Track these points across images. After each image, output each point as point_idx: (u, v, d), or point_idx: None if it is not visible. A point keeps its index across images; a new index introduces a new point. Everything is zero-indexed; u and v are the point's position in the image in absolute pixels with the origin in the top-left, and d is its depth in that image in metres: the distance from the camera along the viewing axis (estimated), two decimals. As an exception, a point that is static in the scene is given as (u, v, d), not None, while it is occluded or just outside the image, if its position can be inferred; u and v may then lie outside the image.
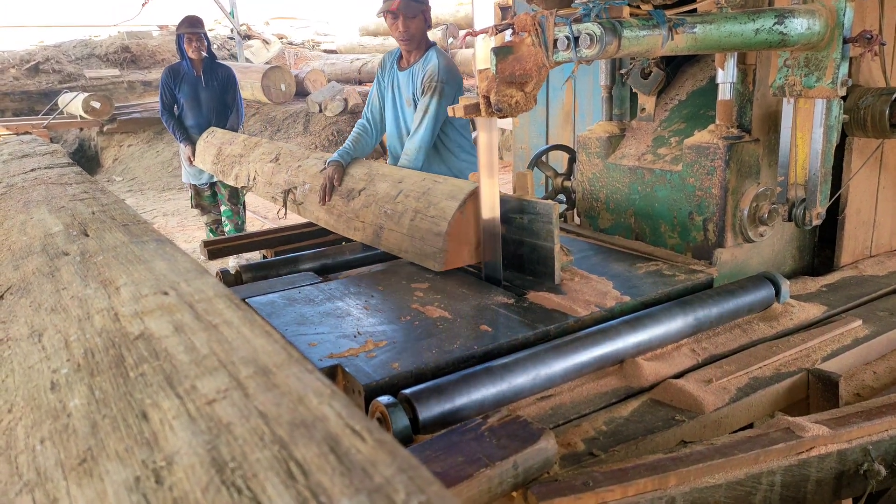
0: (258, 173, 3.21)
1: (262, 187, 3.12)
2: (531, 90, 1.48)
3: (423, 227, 2.00)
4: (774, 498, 1.16)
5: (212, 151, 4.08)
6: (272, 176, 3.02)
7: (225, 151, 3.87)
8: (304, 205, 2.69)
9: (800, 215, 1.69)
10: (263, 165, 3.15)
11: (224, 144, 3.98)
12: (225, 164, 3.78)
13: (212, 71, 4.76)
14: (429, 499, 0.34)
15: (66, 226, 1.13)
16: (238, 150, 3.69)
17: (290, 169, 2.88)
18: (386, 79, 2.98)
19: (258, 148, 3.43)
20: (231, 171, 3.62)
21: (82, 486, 0.42)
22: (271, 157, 3.16)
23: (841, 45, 1.51)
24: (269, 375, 0.50)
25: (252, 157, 3.36)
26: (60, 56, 12.45)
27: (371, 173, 2.46)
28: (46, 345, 0.65)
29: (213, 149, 4.08)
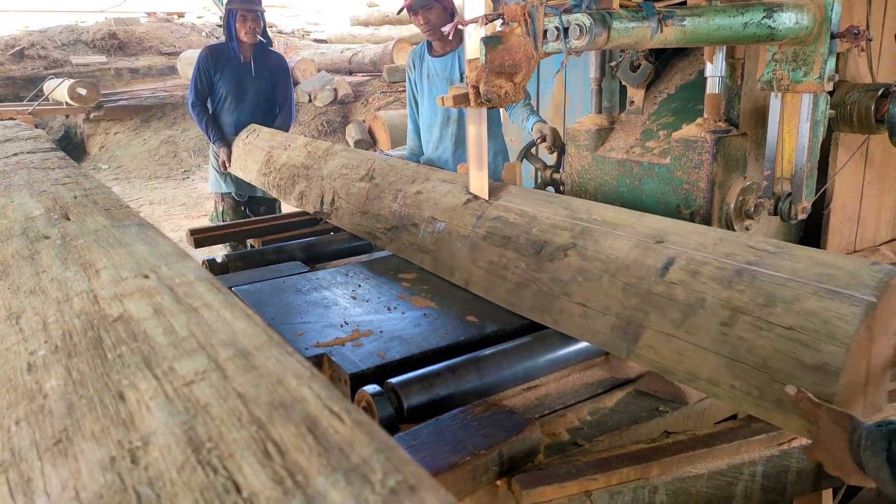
0: (340, 196, 2.28)
1: (350, 217, 2.20)
2: (520, 81, 1.48)
3: (767, 345, 1.03)
4: (755, 488, 1.17)
5: (257, 157, 3.10)
6: (367, 202, 2.12)
7: (278, 159, 2.86)
8: (438, 255, 1.75)
9: (785, 209, 1.70)
10: (349, 185, 2.25)
11: (276, 149, 2.96)
12: (281, 177, 2.75)
13: (263, 58, 3.77)
14: (405, 478, 0.33)
15: (48, 209, 1.12)
16: (300, 157, 2.70)
17: (397, 194, 1.99)
18: (417, 72, 3.08)
19: (334, 157, 2.48)
20: (293, 187, 2.62)
21: (56, 466, 0.41)
22: (361, 174, 2.24)
23: (828, 40, 1.52)
24: (248, 357, 0.50)
25: (327, 171, 2.42)
26: (46, 42, 12.28)
27: (576, 215, 1.50)
28: (24, 327, 0.64)
29: (260, 153, 3.09)
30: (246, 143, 3.40)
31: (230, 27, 3.62)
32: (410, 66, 3.15)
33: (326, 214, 2.34)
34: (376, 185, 2.12)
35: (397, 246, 1.92)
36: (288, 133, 3.32)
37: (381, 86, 10.04)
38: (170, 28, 14.19)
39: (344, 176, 2.32)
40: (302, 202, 2.54)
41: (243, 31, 3.59)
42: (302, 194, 2.54)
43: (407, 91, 3.22)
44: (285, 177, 2.73)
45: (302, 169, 2.62)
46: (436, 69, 2.99)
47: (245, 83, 3.72)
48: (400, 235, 1.92)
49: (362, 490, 0.34)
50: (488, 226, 1.63)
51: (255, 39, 3.66)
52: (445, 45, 2.94)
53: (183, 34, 14.20)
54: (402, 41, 11.28)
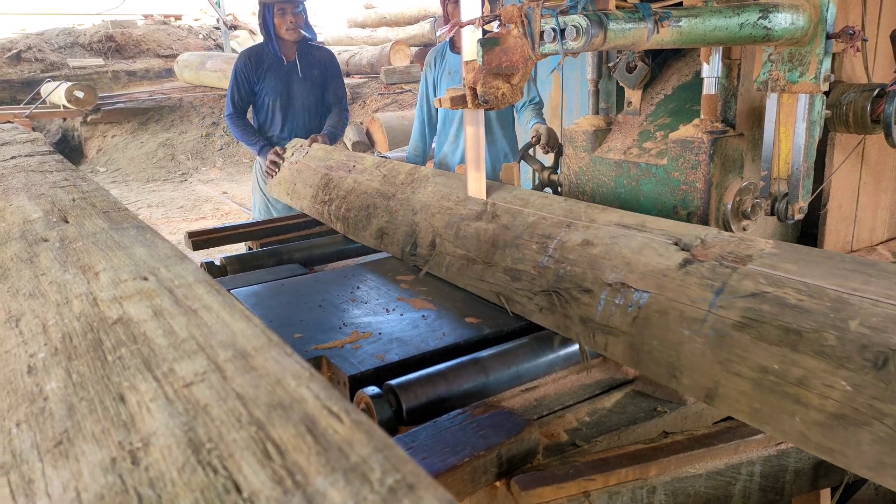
0: (444, 238, 1.72)
1: (464, 269, 1.64)
2: (517, 82, 1.48)
3: None
4: (754, 488, 1.18)
5: (310, 179, 2.53)
6: (492, 251, 1.57)
7: (342, 183, 2.28)
8: (641, 342, 1.18)
9: (782, 209, 1.71)
10: (458, 224, 1.71)
11: (336, 170, 2.39)
12: (349, 208, 2.18)
13: (309, 56, 3.20)
14: (403, 477, 0.34)
15: (46, 212, 1.12)
16: (373, 182, 2.15)
17: (546, 244, 1.46)
18: (436, 69, 3.14)
19: (424, 184, 1.96)
20: (367, 222, 2.06)
21: (58, 468, 0.41)
22: (475, 209, 1.71)
23: (824, 40, 1.52)
24: (247, 359, 0.50)
25: (419, 202, 1.89)
26: (43, 44, 12.28)
27: None
28: (24, 329, 0.65)
29: (313, 175, 2.53)
30: (293, 162, 2.77)
31: (268, 24, 3.06)
32: (429, 64, 3.18)
33: (423, 261, 1.80)
34: (505, 228, 1.58)
35: (559, 320, 1.35)
36: (347, 150, 2.72)
37: (379, 88, 10.05)
38: (167, 30, 14.19)
39: (447, 211, 1.78)
40: (383, 242, 2.00)
41: (284, 28, 3.04)
42: (382, 232, 1.98)
43: (420, 90, 3.24)
44: (355, 207, 2.15)
45: (379, 198, 2.08)
46: (457, 65, 3.04)
47: (292, 88, 3.17)
48: (563, 306, 1.34)
49: (361, 489, 0.34)
50: (743, 307, 1.04)
51: (299, 35, 3.09)
52: None
53: (180, 36, 14.20)
54: (399, 43, 11.29)
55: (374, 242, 2.05)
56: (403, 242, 1.91)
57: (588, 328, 1.29)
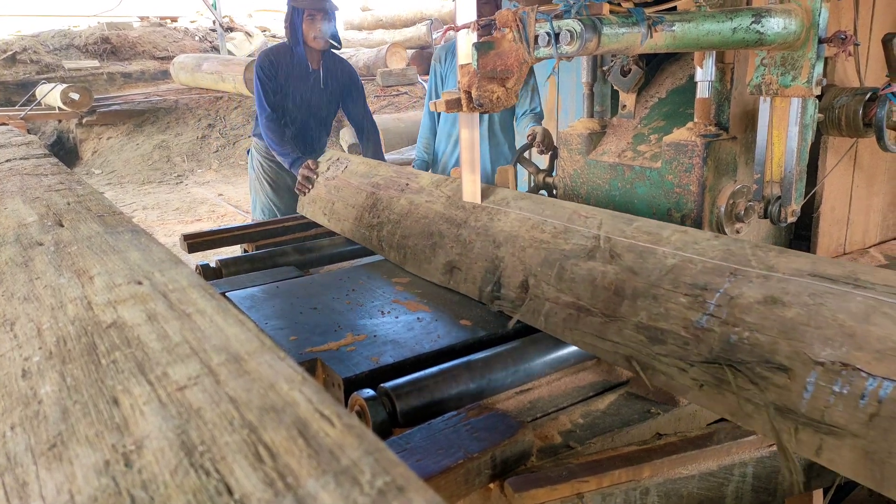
0: (540, 279, 1.43)
1: (571, 321, 1.34)
2: (512, 86, 1.49)
3: None
4: (746, 489, 1.18)
5: (353, 198, 2.24)
6: (615, 301, 1.26)
7: (394, 204, 2.01)
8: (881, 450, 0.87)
9: (775, 212, 1.72)
10: (560, 264, 1.41)
11: (385, 188, 2.12)
12: (405, 235, 1.90)
13: (333, 67, 3.07)
14: (393, 479, 0.34)
15: (41, 216, 1.12)
16: (436, 204, 1.86)
17: (704, 299, 1.14)
18: (445, 65, 3.17)
19: (505, 210, 1.67)
20: (432, 253, 1.78)
21: (52, 470, 0.42)
22: (581, 245, 1.39)
23: (816, 45, 1.54)
24: (240, 362, 0.51)
25: (501, 233, 1.60)
26: (38, 46, 12.25)
27: None
28: (18, 333, 0.65)
29: (357, 194, 2.23)
30: (329, 177, 2.46)
31: (296, 28, 2.92)
32: (439, 59, 3.19)
33: (510, 305, 1.50)
34: (633, 272, 1.26)
35: (733, 403, 1.05)
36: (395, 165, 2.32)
37: (375, 90, 10.05)
38: (163, 32, 14.18)
39: (543, 245, 1.48)
40: (453, 278, 1.69)
41: (312, 35, 2.89)
42: (452, 267, 1.69)
43: (429, 85, 3.26)
44: (414, 235, 1.85)
45: (445, 225, 1.77)
46: None
47: (312, 98, 3.02)
48: (742, 385, 1.04)
49: (351, 491, 0.35)
50: None
51: (327, 45, 2.94)
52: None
53: (176, 38, 14.19)
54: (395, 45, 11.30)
55: (442, 278, 1.75)
56: (482, 281, 1.60)
57: (788, 421, 0.97)
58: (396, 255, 1.95)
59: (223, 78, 10.14)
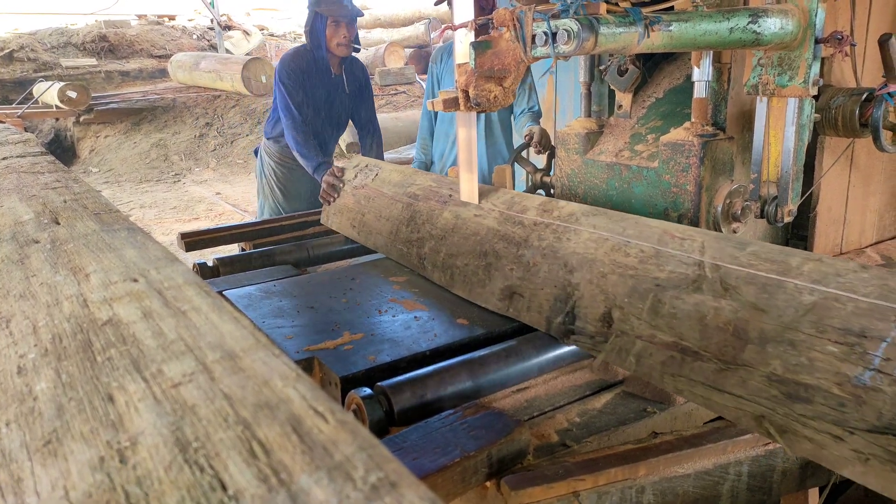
0: (628, 311, 1.25)
1: (672, 365, 1.15)
2: (509, 85, 1.49)
3: None
4: (742, 487, 1.19)
5: (387, 210, 2.06)
6: (738, 347, 1.06)
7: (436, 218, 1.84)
8: None
9: (772, 212, 1.72)
10: (655, 296, 1.22)
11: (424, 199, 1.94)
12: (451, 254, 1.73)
13: (352, 70, 3.05)
14: (386, 475, 0.35)
15: (37, 214, 1.12)
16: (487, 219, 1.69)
17: (866, 351, 0.92)
18: (441, 65, 3.19)
19: (576, 227, 1.48)
20: (486, 276, 1.59)
21: (46, 466, 0.42)
22: (682, 272, 1.20)
23: (813, 45, 1.54)
24: (235, 360, 0.51)
25: (573, 256, 1.41)
26: (36, 44, 12.23)
27: None
28: (14, 330, 0.65)
29: (391, 204, 2.05)
30: (357, 186, 2.26)
31: (318, 34, 2.85)
32: (436, 60, 3.21)
33: (589, 340, 1.30)
34: (758, 310, 1.05)
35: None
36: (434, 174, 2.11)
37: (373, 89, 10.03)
38: (161, 31, 14.16)
39: (629, 271, 1.28)
40: (513, 305, 1.51)
41: (335, 42, 2.83)
42: (512, 292, 1.50)
43: (426, 86, 3.28)
44: (463, 254, 1.68)
45: (501, 243, 1.59)
46: None
47: (334, 101, 2.97)
48: None
49: (344, 487, 0.35)
50: None
51: (349, 52, 2.90)
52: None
53: (174, 37, 14.17)
54: (393, 45, 11.30)
55: (499, 304, 1.55)
56: (550, 311, 1.40)
57: None
58: (442, 276, 1.75)
59: (221, 76, 10.13)
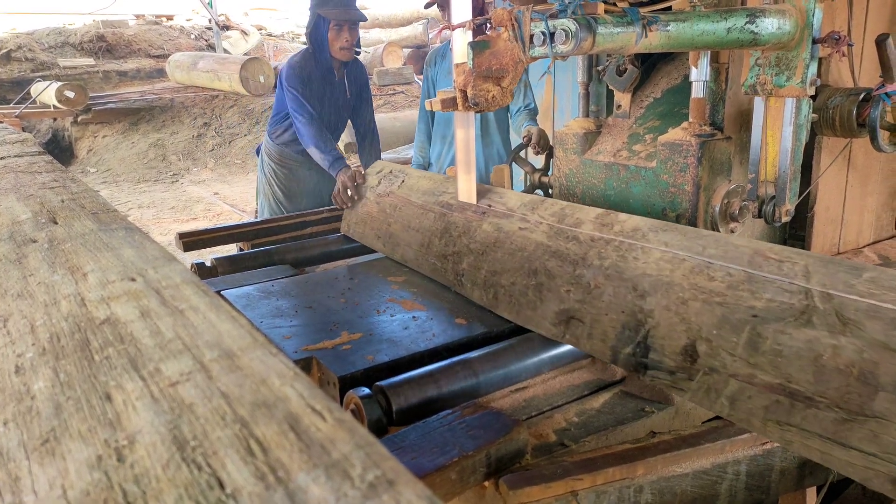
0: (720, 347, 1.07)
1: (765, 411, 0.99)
2: (508, 85, 1.49)
3: None
4: (740, 487, 1.19)
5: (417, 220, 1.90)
6: (867, 395, 0.89)
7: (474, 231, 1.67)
8: None
9: (769, 212, 1.73)
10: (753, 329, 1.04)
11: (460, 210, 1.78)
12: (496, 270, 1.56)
13: (353, 72, 3.07)
14: (383, 473, 0.35)
15: (35, 213, 1.12)
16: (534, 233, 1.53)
17: None
18: (436, 69, 3.20)
19: (641, 243, 1.32)
20: (537, 298, 1.43)
21: (44, 465, 0.42)
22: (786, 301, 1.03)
23: (810, 45, 1.54)
24: (233, 358, 0.51)
25: (642, 276, 1.25)
26: (33, 44, 12.21)
27: None
28: (11, 330, 0.65)
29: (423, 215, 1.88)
30: (381, 193, 2.10)
31: (321, 36, 2.83)
32: (430, 63, 3.23)
33: (668, 376, 1.14)
34: (889, 349, 0.91)
35: None
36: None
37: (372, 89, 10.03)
38: (158, 31, 14.15)
39: (715, 297, 1.12)
40: (569, 330, 1.34)
41: (337, 46, 2.81)
42: (569, 317, 1.34)
43: (422, 89, 3.30)
44: (508, 271, 1.51)
45: (554, 261, 1.42)
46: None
47: (336, 104, 2.99)
48: None
49: (342, 485, 0.35)
50: None
51: (351, 56, 2.88)
52: None
53: (172, 37, 14.16)
54: (391, 45, 11.30)
55: (553, 330, 1.38)
56: (616, 339, 1.24)
57: None
58: (483, 296, 1.59)
59: (219, 76, 10.12)
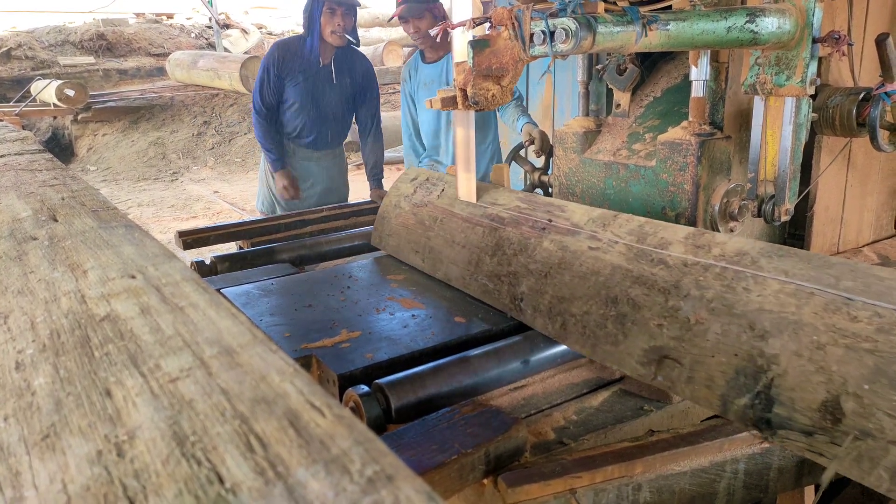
0: (874, 405, 0.87)
1: None
2: (508, 83, 1.50)
3: None
4: (738, 485, 1.19)
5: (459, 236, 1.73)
6: None
7: (532, 248, 1.50)
8: None
9: (769, 211, 1.73)
10: None
11: (513, 225, 1.59)
12: (563, 295, 1.38)
13: (346, 61, 3.01)
14: (382, 468, 0.35)
15: (35, 211, 1.12)
16: (609, 254, 1.34)
17: None
18: (412, 83, 3.13)
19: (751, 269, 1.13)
20: (622, 332, 1.23)
21: (45, 460, 0.42)
22: None
23: (810, 44, 1.54)
24: (232, 355, 0.51)
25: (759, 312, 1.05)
26: (33, 42, 12.20)
27: None
28: (12, 326, 0.65)
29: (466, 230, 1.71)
30: (418, 203, 1.91)
31: (314, 20, 2.83)
32: (406, 78, 3.18)
33: (804, 441, 0.97)
34: None
35: None
36: (521, 192, 1.76)
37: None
38: (158, 29, 14.14)
39: (859, 345, 0.94)
40: (661, 371, 1.16)
41: (329, 29, 2.81)
42: (663, 356, 1.15)
43: (402, 105, 3.25)
44: (580, 297, 1.31)
45: (639, 289, 1.23)
46: (431, 76, 3.03)
47: (320, 91, 2.96)
48: None
49: (341, 480, 0.35)
50: None
51: (343, 42, 2.87)
52: (438, 51, 2.99)
53: (172, 35, 14.15)
54: (392, 43, 11.30)
55: (642, 371, 1.19)
56: (728, 387, 1.06)
57: None
58: (549, 325, 1.39)
59: (219, 75, 10.12)
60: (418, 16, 2.82)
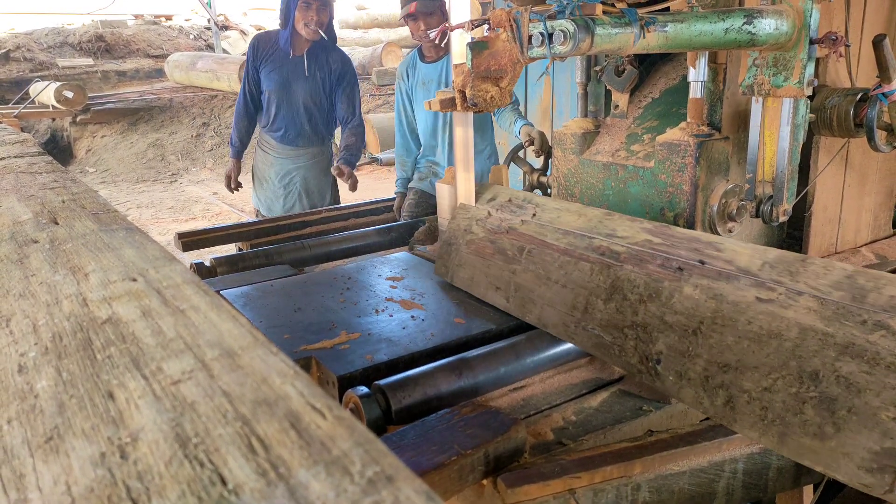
0: None
1: None
2: (506, 85, 1.50)
3: None
4: (737, 485, 1.19)
5: (555, 273, 1.42)
6: None
7: (666, 293, 1.19)
8: None
9: (767, 212, 1.73)
10: None
11: (634, 262, 1.29)
12: (727, 363, 1.06)
13: (319, 55, 3.06)
14: (382, 469, 0.35)
15: (36, 214, 1.12)
16: (796, 310, 0.99)
17: None
18: (409, 81, 3.11)
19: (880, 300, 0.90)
20: (832, 423, 0.90)
21: (48, 463, 0.43)
22: None
23: (808, 45, 1.55)
24: (234, 357, 0.52)
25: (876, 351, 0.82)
26: (32, 44, 12.20)
27: None
28: (14, 329, 0.65)
29: (565, 265, 1.40)
30: (497, 230, 1.64)
31: (290, 12, 2.91)
32: (402, 76, 3.16)
33: None
34: None
35: None
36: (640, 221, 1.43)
37: (371, 89, 10.05)
38: (157, 31, 14.14)
39: None
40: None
41: (302, 23, 2.89)
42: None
43: (396, 103, 3.23)
44: (753, 368, 1.05)
45: (852, 364, 0.93)
46: (430, 75, 3.03)
47: (292, 83, 3.03)
48: None
49: (342, 480, 0.35)
50: None
51: (317, 36, 2.94)
52: (438, 51, 2.99)
53: (171, 37, 14.16)
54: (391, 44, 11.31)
55: (870, 479, 0.89)
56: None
57: None
58: (706, 400, 1.11)
59: (218, 76, 10.12)
60: (430, 13, 2.83)
